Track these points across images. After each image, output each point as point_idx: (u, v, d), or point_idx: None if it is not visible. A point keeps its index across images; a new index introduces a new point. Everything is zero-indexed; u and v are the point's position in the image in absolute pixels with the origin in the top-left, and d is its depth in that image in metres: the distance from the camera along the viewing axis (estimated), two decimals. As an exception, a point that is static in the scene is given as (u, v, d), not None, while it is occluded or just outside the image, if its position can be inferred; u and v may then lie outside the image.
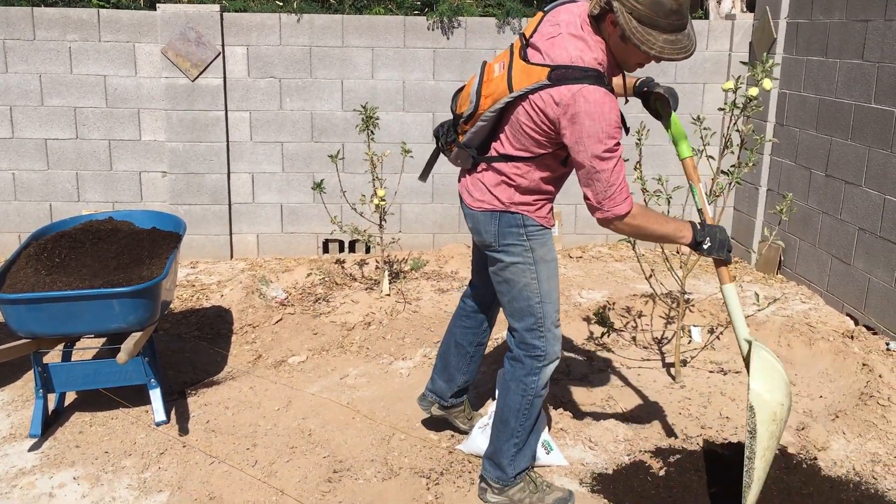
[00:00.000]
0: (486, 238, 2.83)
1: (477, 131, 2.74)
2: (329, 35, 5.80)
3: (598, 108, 2.45)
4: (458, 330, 3.33)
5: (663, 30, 2.45)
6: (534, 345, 2.84)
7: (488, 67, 2.72)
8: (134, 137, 5.87)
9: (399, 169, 5.76)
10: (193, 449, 3.35)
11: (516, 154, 2.69)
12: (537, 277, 2.80)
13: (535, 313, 2.82)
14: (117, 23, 5.66)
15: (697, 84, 6.13)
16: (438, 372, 3.39)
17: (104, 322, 3.33)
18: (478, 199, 2.81)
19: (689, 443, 3.45)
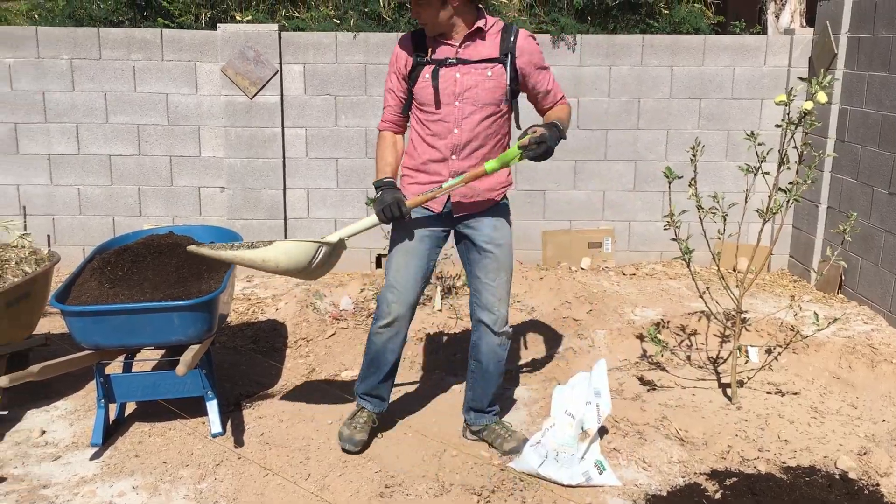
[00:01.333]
0: None
1: None
2: (384, 52, 5.87)
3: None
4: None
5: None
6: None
7: None
8: (194, 154, 6.01)
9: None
10: (248, 461, 3.40)
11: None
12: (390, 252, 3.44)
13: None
14: (179, 42, 5.82)
15: (755, 100, 6.04)
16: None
17: (164, 334, 3.41)
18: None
19: (746, 466, 3.38)
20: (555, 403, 3.38)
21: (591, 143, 6.08)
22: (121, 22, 6.22)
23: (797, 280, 6.00)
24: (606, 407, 3.25)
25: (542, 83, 3.23)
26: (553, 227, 6.21)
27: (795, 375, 4.26)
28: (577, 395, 3.32)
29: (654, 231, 6.21)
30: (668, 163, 6.05)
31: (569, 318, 4.96)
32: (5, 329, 3.68)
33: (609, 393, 3.29)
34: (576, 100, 5.99)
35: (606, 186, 6.17)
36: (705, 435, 3.64)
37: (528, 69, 3.15)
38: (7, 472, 3.32)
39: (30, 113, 5.90)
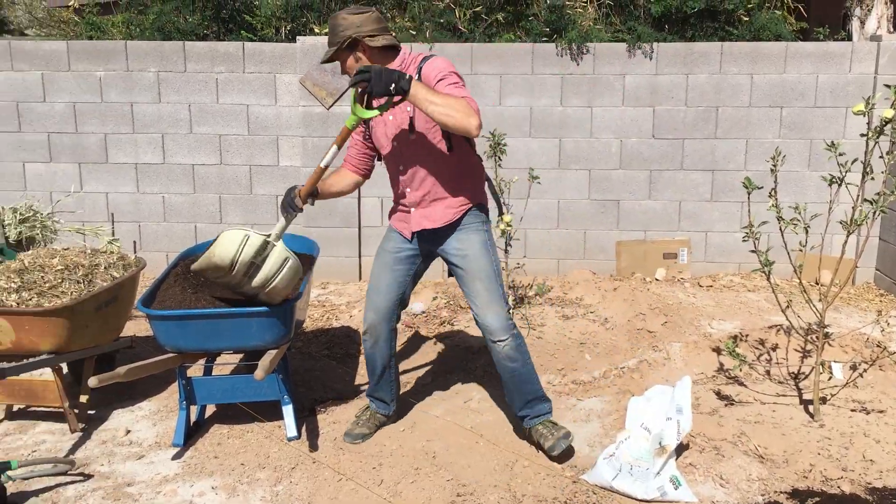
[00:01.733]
0: None
1: None
2: (458, 63, 5.91)
3: None
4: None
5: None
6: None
7: None
8: (272, 163, 6.16)
9: (525, 194, 5.79)
10: (323, 465, 3.45)
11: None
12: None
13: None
14: (260, 55, 5.98)
15: (839, 108, 5.86)
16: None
17: (243, 339, 3.50)
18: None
19: (829, 486, 3.27)
20: (630, 416, 3.33)
21: (667, 153, 5.99)
22: (205, 35, 6.43)
23: (884, 294, 5.79)
24: (687, 424, 3.19)
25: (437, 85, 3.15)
26: (627, 238, 6.14)
27: (882, 393, 4.10)
28: (654, 408, 3.27)
29: (731, 242, 6.08)
30: (747, 172, 5.92)
31: (643, 329, 4.89)
32: (94, 332, 3.83)
33: (691, 410, 3.23)
34: (651, 109, 5.92)
35: (683, 196, 6.06)
36: (786, 453, 3.53)
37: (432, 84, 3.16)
38: (94, 470, 3.45)
39: (119, 124, 6.14)
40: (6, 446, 3.68)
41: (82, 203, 6.20)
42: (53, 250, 4.20)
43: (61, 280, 3.81)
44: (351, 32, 3.20)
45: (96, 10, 7.47)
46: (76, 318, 3.66)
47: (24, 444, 3.71)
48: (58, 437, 3.76)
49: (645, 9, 5.99)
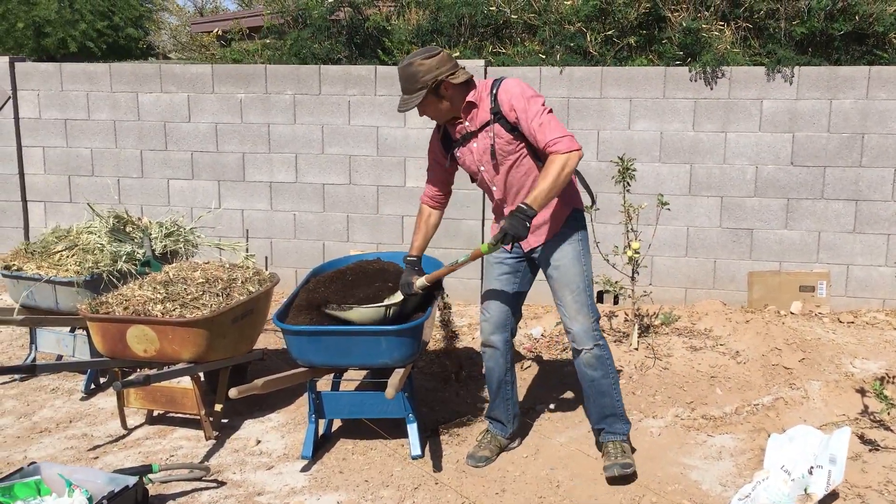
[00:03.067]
0: None
1: None
2: (587, 86, 5.86)
3: None
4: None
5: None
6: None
7: None
8: (399, 184, 6.27)
9: (653, 220, 5.65)
10: (445, 487, 3.45)
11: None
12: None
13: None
14: (391, 78, 6.11)
15: None
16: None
17: (372, 357, 3.55)
18: None
19: None
20: (770, 456, 3.17)
21: (806, 181, 5.72)
22: (339, 60, 6.63)
23: None
24: (839, 476, 3.01)
25: (528, 128, 3.28)
26: (760, 268, 5.89)
27: None
28: (796, 449, 3.10)
29: (876, 276, 5.73)
30: (895, 204, 5.58)
31: (779, 365, 4.67)
32: (231, 343, 3.98)
33: (845, 462, 3.03)
34: (790, 135, 5.68)
35: (822, 227, 5.77)
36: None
37: (512, 115, 3.32)
38: (226, 477, 3.57)
39: (256, 143, 6.41)
40: (147, 449, 3.86)
41: (220, 219, 6.49)
42: (195, 264, 4.40)
43: (202, 293, 3.98)
44: (433, 76, 3.28)
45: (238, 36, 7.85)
46: (215, 329, 3.81)
47: (163, 448, 3.88)
48: (193, 444, 3.92)
49: (786, 31, 5.77)
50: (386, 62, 6.41)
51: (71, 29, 19.87)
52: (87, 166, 6.73)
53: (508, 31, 6.43)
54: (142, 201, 6.66)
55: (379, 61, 6.43)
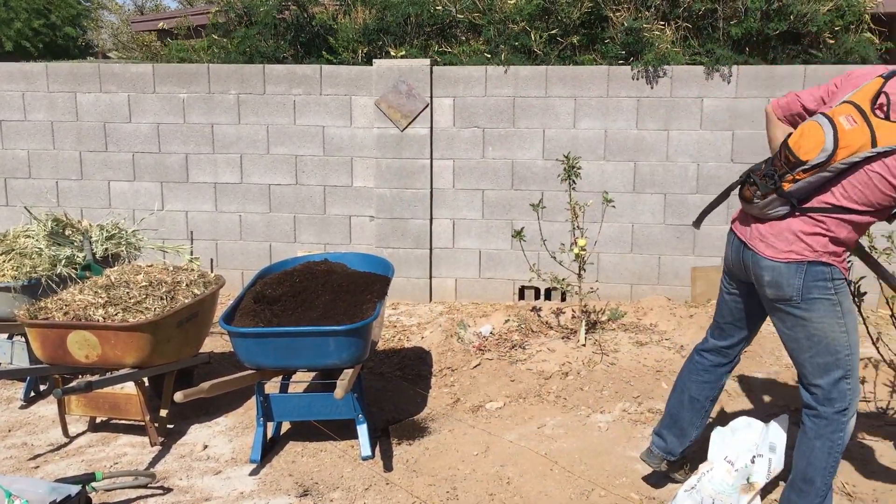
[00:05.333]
0: (788, 291, 2.76)
1: (814, 181, 2.68)
2: (532, 86, 5.90)
3: None
4: (694, 385, 3.28)
5: None
6: (841, 398, 2.79)
7: (835, 119, 2.66)
8: (346, 184, 6.24)
9: (598, 218, 5.73)
10: (396, 487, 3.44)
11: (852, 206, 2.67)
12: (846, 330, 2.76)
13: (844, 366, 2.78)
14: (337, 78, 6.07)
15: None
16: (667, 428, 3.35)
17: (320, 357, 3.53)
18: (784, 251, 2.75)
19: (925, 528, 3.11)
20: (713, 447, 3.23)
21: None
22: (284, 59, 6.57)
23: (977, 327, 5.53)
24: (779, 464, 3.08)
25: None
26: (703, 264, 6.01)
27: (979, 432, 3.91)
28: (738, 440, 3.17)
29: (813, 270, 5.89)
30: (830, 199, 5.75)
31: (721, 358, 4.76)
32: (176, 347, 3.92)
33: (784, 450, 3.11)
34: (731, 133, 5.80)
35: (762, 222, 5.91)
36: (875, 491, 3.38)
37: None
38: (173, 483, 3.51)
39: (200, 144, 6.31)
40: (90, 457, 3.78)
41: (163, 221, 6.38)
42: (138, 267, 4.31)
43: (145, 296, 3.90)
44: None
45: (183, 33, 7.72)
46: (159, 334, 3.74)
47: (107, 455, 3.80)
48: (138, 450, 3.84)
49: (724, 31, 5.89)
50: (332, 61, 6.37)
51: (6, 28, 19.29)
52: (24, 168, 6.55)
53: (454, 30, 6.45)
54: (81, 204, 6.50)
55: (325, 60, 6.38)
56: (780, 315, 2.85)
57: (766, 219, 2.81)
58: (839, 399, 2.77)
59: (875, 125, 2.58)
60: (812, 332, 2.76)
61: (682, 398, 3.29)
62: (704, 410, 3.27)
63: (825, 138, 2.61)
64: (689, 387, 3.29)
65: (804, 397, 2.86)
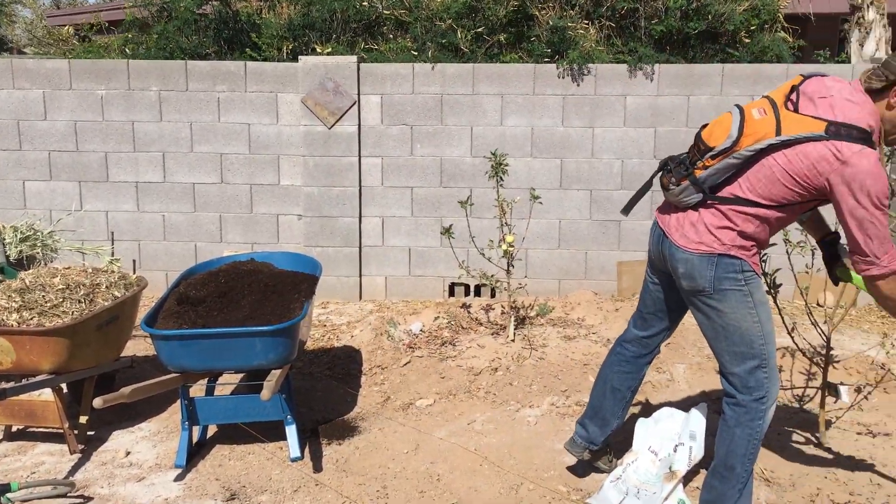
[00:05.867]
0: (701, 283, 2.84)
1: (721, 169, 2.75)
2: (460, 83, 5.92)
3: (878, 169, 2.56)
4: (615, 375, 3.34)
5: None
6: (758, 386, 2.86)
7: (746, 109, 2.76)
8: (273, 182, 6.15)
9: (526, 214, 5.78)
10: (326, 487, 3.41)
11: (756, 200, 2.73)
12: (759, 320, 2.83)
13: (759, 355, 2.85)
14: (262, 74, 5.98)
15: None
16: (589, 418, 3.40)
17: (247, 358, 3.47)
18: (695, 241, 2.82)
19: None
20: (637, 438, 3.30)
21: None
22: (207, 55, 6.44)
23: (885, 316, 5.78)
24: (699, 451, 3.16)
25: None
26: (629, 258, 6.13)
27: (887, 416, 4.09)
28: (661, 431, 3.24)
29: (733, 263, 6.07)
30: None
31: (646, 350, 4.86)
32: (95, 351, 3.80)
33: (704, 438, 3.19)
34: (653, 129, 5.93)
35: (684, 217, 6.06)
36: (792, 476, 3.51)
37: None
38: (94, 492, 3.41)
39: (120, 142, 6.13)
40: (5, 467, 3.64)
41: (82, 222, 6.18)
42: (54, 269, 4.17)
43: (62, 299, 3.78)
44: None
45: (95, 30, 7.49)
46: (77, 338, 3.63)
47: (24, 465, 3.66)
48: (57, 459, 3.72)
49: (646, 30, 6.02)
50: (256, 58, 6.27)
51: (-89, 21, 18.42)
52: (-68, 168, 6.27)
53: (381, 27, 6.42)
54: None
55: (249, 57, 6.28)
56: (696, 306, 2.92)
57: (682, 206, 2.89)
58: (756, 387, 2.85)
59: (782, 116, 2.67)
60: (726, 323, 2.84)
61: (605, 389, 3.36)
62: (625, 401, 3.34)
63: (732, 125, 2.72)
64: (610, 377, 3.35)
65: (724, 386, 2.95)
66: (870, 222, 2.57)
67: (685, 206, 2.87)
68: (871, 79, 2.68)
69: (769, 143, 2.65)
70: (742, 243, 2.78)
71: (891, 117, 2.68)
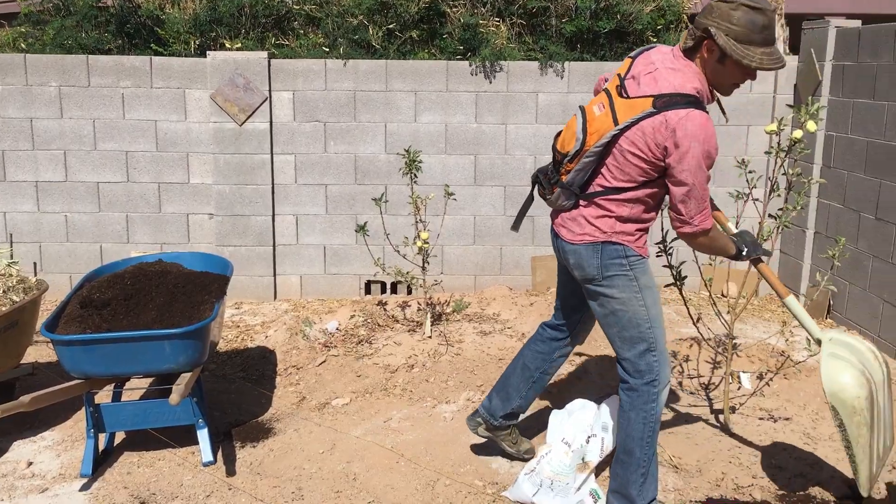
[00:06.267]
0: (589, 271, 2.96)
1: (581, 168, 2.87)
2: (373, 79, 5.90)
3: (703, 130, 2.68)
4: (529, 353, 3.43)
5: (758, 44, 2.72)
6: (649, 370, 2.94)
7: (588, 109, 2.88)
8: (182, 180, 5.99)
9: (441, 211, 5.80)
10: (239, 491, 3.35)
11: (620, 185, 2.85)
12: (645, 304, 2.94)
13: (647, 338, 2.94)
14: (168, 70, 5.82)
15: (741, 126, 6.10)
16: (497, 390, 3.48)
17: (155, 363, 3.37)
18: (578, 234, 2.95)
19: (741, 493, 3.37)
20: (551, 430, 3.36)
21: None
22: (109, 50, 6.22)
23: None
24: (611, 442, 3.24)
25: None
26: (543, 253, 6.21)
27: (787, 401, 4.27)
28: (575, 422, 3.30)
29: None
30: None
31: (560, 344, 4.95)
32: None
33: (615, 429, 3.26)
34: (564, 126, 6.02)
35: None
36: (699, 462, 3.63)
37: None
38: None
39: (17, 140, 5.87)
40: None
41: (-23, 223, 5.90)
42: (-54, 273, 3.97)
43: (-45, 305, 3.60)
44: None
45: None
46: (-28, 346, 3.46)
47: (-85, 481, 3.48)
48: (-48, 473, 3.54)
49: (557, 29, 6.11)
50: (161, 53, 6.09)
51: None
52: None
53: (291, 22, 6.33)
54: None
55: (153, 52, 6.09)
56: (590, 294, 3.04)
57: (562, 210, 3.03)
58: (647, 371, 2.95)
59: (616, 106, 2.80)
60: (615, 308, 2.96)
61: (517, 364, 3.45)
62: (532, 381, 3.40)
63: (577, 129, 2.87)
64: (525, 353, 3.45)
65: (619, 372, 3.06)
66: (692, 184, 2.70)
67: (567, 208, 2.99)
68: (687, 40, 2.83)
69: (611, 134, 2.79)
70: (622, 228, 2.90)
71: (710, 70, 2.80)
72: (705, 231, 2.81)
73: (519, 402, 3.43)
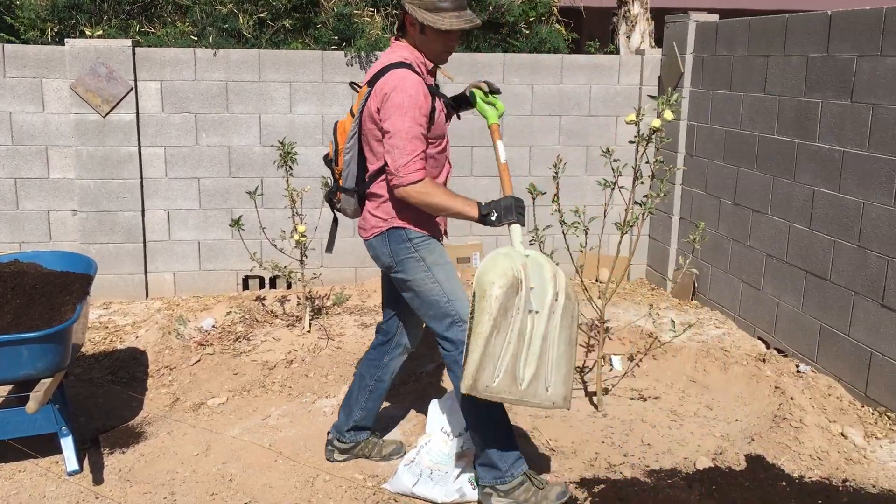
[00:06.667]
0: (384, 260, 3.13)
1: (347, 165, 3.12)
2: (246, 70, 5.75)
3: (400, 81, 2.87)
4: (364, 362, 3.49)
5: (449, 10, 2.93)
6: (459, 341, 3.01)
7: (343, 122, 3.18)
8: (42, 175, 5.67)
9: (319, 203, 5.73)
10: (108, 500, 3.21)
11: (379, 166, 3.03)
12: (437, 280, 3.04)
13: (449, 312, 3.04)
14: (23, 58, 5.48)
15: (610, 117, 6.30)
16: (342, 406, 3.53)
17: (12, 369, 3.18)
18: (368, 229, 3.13)
19: (613, 472, 3.49)
20: (431, 419, 3.37)
21: (457, 160, 6.15)
22: (-44, 35, 5.81)
23: (654, 288, 6.29)
24: None
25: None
26: (422, 244, 6.23)
27: (656, 381, 4.45)
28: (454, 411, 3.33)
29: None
30: (531, 178, 6.21)
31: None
32: None
33: None
34: (441, 117, 6.06)
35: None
36: (574, 444, 3.73)
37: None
38: None
39: None
40: None
41: None
42: None
43: None
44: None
45: None
46: None
47: None
48: None
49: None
50: (14, 41, 5.73)
51: None
52: None
53: (158, 10, 6.08)
54: None
55: (5, 40, 5.73)
56: (396, 284, 3.17)
57: (358, 214, 3.21)
58: (458, 342, 3.03)
59: (354, 104, 3.08)
60: (415, 290, 3.08)
61: (356, 375, 3.51)
62: (369, 390, 3.43)
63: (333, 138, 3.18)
64: (362, 363, 3.51)
65: (440, 350, 3.15)
66: (393, 131, 2.85)
67: (358, 210, 3.19)
68: (396, 29, 3.11)
69: (354, 127, 3.05)
70: (400, 212, 3.04)
71: (418, 42, 3.00)
72: (414, 183, 2.84)
73: (361, 414, 3.45)
